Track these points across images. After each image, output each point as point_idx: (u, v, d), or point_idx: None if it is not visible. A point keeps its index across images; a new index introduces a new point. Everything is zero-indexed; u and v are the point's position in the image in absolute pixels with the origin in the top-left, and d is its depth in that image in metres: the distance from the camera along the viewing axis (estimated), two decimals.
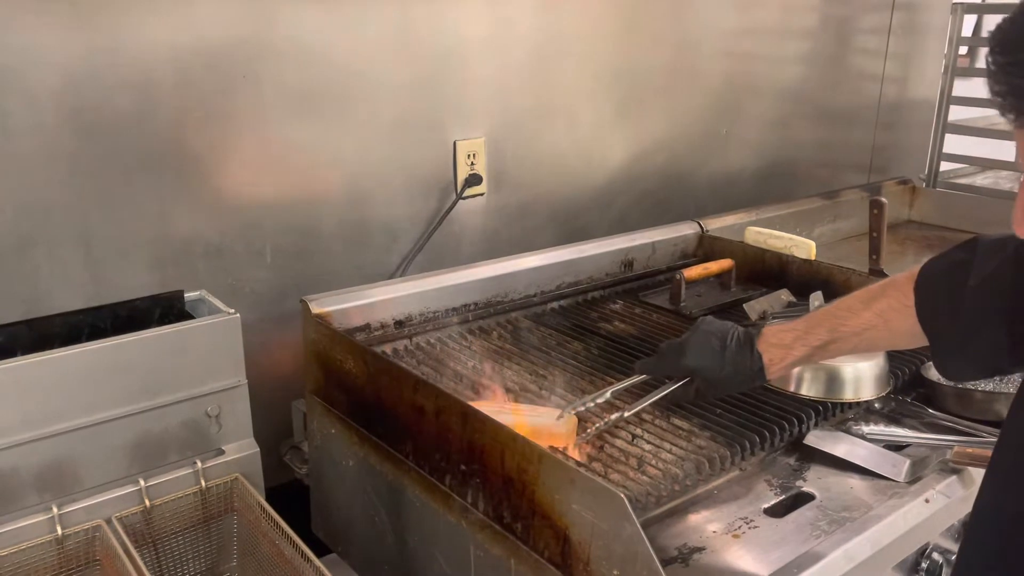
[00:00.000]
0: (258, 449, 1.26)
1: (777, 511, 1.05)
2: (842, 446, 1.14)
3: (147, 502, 1.16)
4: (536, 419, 1.15)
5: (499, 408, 1.18)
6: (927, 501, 1.06)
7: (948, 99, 2.58)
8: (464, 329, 1.49)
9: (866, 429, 1.16)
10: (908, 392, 1.30)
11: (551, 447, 1.07)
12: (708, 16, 2.08)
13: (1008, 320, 0.91)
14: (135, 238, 1.36)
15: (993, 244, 0.96)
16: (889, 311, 1.03)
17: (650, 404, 1.13)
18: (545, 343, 1.45)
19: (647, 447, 1.12)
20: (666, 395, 1.13)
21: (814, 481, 1.11)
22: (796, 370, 1.23)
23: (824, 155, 2.53)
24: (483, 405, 1.13)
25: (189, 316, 1.25)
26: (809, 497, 1.07)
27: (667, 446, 1.12)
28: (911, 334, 1.02)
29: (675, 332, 1.48)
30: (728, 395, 1.18)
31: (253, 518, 1.21)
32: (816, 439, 1.16)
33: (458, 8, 1.64)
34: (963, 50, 2.66)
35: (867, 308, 1.04)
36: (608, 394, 1.16)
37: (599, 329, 1.52)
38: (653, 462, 1.08)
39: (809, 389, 1.24)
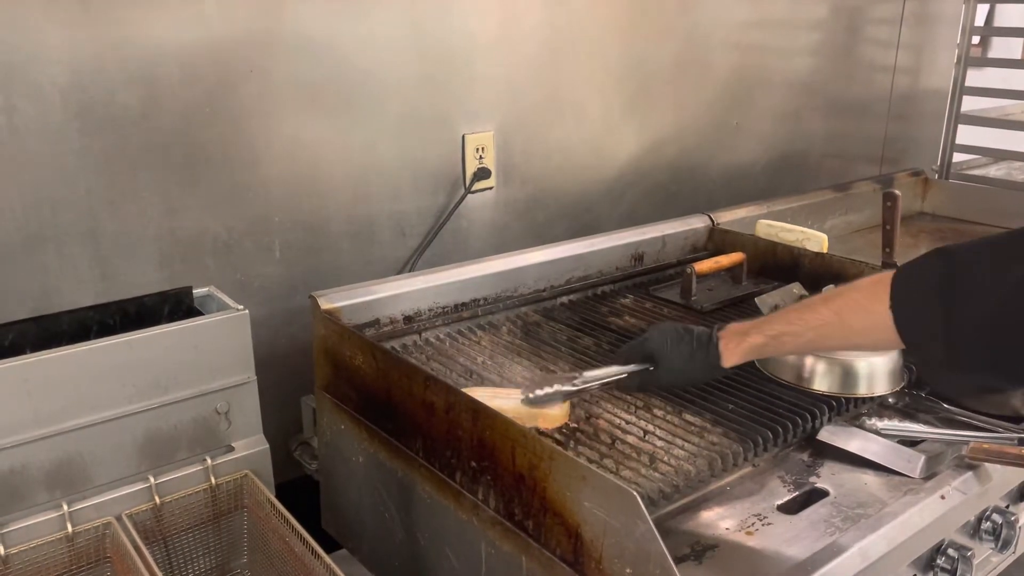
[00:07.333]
0: (267, 446, 1.26)
1: (791, 508, 1.04)
2: (856, 442, 1.13)
3: (157, 499, 1.16)
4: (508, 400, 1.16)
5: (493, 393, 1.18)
6: (943, 497, 1.05)
7: (961, 89, 2.55)
8: (473, 324, 1.48)
9: (880, 424, 1.15)
10: (922, 387, 1.28)
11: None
12: (717, 8, 2.06)
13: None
14: (143, 234, 1.36)
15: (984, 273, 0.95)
16: (846, 309, 1.07)
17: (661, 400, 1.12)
18: (555, 338, 1.44)
19: (659, 443, 1.11)
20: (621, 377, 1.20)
21: (828, 477, 1.10)
22: (809, 363, 1.23)
23: (835, 147, 2.51)
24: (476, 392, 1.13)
25: (198, 312, 1.25)
26: (823, 493, 1.06)
27: (679, 442, 1.11)
28: (867, 333, 1.06)
29: None
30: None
31: (263, 515, 1.21)
32: (830, 435, 1.15)
33: (467, 1, 1.63)
34: (976, 40, 2.63)
35: (825, 305, 1.09)
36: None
37: (609, 324, 1.51)
38: (665, 459, 1.07)
39: (822, 384, 1.23)
